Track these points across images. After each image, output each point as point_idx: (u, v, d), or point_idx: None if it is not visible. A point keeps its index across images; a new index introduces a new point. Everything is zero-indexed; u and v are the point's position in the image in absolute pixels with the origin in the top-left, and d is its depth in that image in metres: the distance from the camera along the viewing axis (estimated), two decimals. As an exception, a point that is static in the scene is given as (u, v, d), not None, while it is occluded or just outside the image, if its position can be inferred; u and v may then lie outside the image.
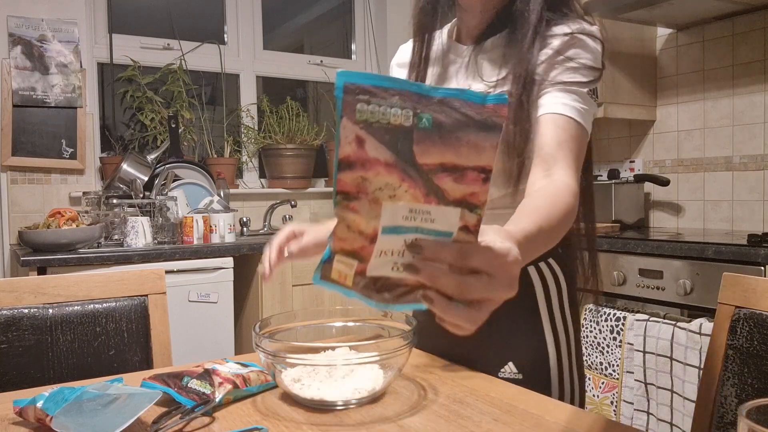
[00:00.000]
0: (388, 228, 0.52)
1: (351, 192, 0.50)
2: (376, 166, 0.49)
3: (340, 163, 0.49)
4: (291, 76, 3.35)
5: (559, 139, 0.91)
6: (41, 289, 1.18)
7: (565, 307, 1.05)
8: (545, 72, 0.96)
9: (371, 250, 0.53)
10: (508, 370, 1.02)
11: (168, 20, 3.06)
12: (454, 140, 0.50)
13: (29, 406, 0.78)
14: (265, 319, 0.96)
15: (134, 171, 2.56)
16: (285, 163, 3.11)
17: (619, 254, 2.21)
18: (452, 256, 0.52)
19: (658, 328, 1.90)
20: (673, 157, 2.74)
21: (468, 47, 1.08)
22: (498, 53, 1.03)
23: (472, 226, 0.52)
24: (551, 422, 0.78)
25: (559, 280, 1.05)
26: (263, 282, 1.06)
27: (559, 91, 0.94)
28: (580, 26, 0.98)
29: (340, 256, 0.54)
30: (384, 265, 0.54)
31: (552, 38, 0.98)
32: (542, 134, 0.93)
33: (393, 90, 0.48)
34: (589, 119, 0.96)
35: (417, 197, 0.51)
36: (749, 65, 2.46)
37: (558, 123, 0.92)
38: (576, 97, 0.94)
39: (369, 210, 0.51)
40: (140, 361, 1.22)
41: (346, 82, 0.47)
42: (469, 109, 0.49)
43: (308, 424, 0.79)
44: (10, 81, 2.52)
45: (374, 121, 0.48)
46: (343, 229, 0.52)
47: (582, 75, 0.95)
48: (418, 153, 0.49)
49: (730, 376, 1.03)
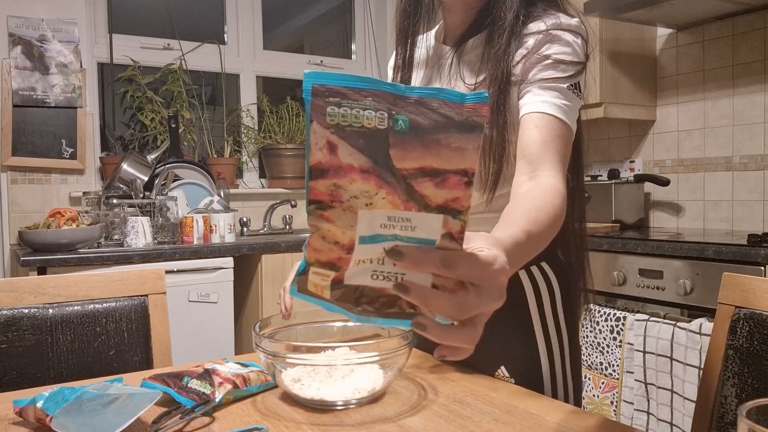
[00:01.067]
0: (366, 237, 0.49)
1: (324, 201, 0.47)
2: (351, 172, 0.46)
3: (311, 171, 0.46)
4: (291, 76, 3.35)
5: (544, 139, 0.88)
6: (41, 289, 1.18)
7: (558, 311, 1.03)
8: (523, 72, 0.94)
9: (348, 259, 0.51)
10: (501, 374, 1.01)
11: (168, 20, 3.06)
12: (434, 143, 0.47)
13: (29, 406, 0.78)
14: (265, 319, 0.96)
15: (134, 171, 2.56)
16: (285, 163, 3.11)
17: (619, 254, 2.20)
18: (435, 264, 0.49)
19: (658, 328, 1.90)
20: (673, 157, 2.74)
21: (451, 49, 1.06)
22: (477, 54, 1.01)
23: (456, 233, 0.49)
24: (551, 422, 0.78)
25: (552, 284, 1.03)
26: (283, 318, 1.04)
27: (539, 89, 0.92)
28: (557, 21, 0.95)
29: (316, 268, 0.52)
30: (363, 273, 0.52)
31: (528, 36, 0.95)
32: (525, 135, 0.90)
33: (366, 91, 0.45)
34: (573, 116, 0.93)
35: (396, 204, 0.48)
36: (749, 65, 2.46)
37: (541, 122, 0.90)
38: (557, 94, 0.91)
39: (344, 219, 0.48)
40: (140, 361, 1.22)
41: (314, 84, 0.44)
42: (448, 110, 0.46)
43: (308, 424, 0.79)
44: (10, 81, 2.52)
45: (346, 125, 0.45)
46: (317, 240, 0.50)
47: (560, 71, 0.92)
48: (395, 157, 0.47)
49: (730, 376, 1.02)
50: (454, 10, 1.04)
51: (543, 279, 1.03)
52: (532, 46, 0.94)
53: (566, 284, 1.05)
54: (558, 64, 0.92)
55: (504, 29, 0.95)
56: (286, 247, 2.48)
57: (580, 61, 0.94)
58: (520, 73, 0.94)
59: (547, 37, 0.94)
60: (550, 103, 0.91)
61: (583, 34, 0.96)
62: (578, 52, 0.94)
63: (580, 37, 0.95)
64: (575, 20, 0.96)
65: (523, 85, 0.94)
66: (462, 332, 0.51)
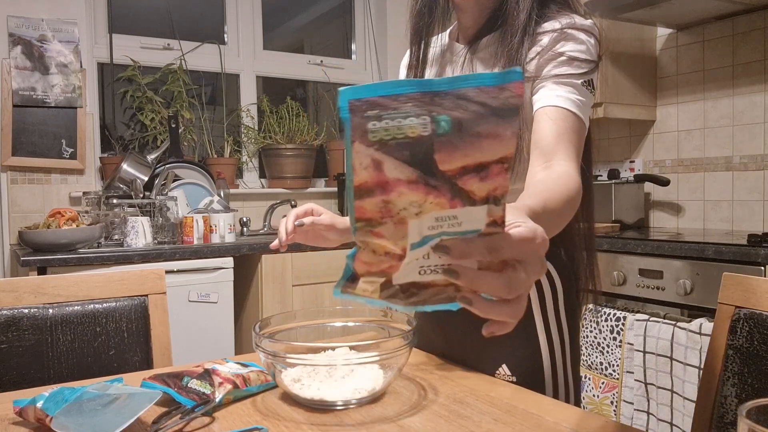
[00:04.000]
0: (417, 243, 0.49)
1: (373, 218, 0.47)
2: (398, 186, 0.45)
3: (356, 191, 0.45)
4: (291, 76, 3.35)
5: (558, 131, 0.89)
6: (41, 289, 1.18)
7: (560, 311, 1.04)
8: (537, 69, 0.95)
9: (399, 266, 0.50)
10: (503, 373, 1.01)
11: (168, 20, 3.06)
12: (476, 137, 0.45)
13: (29, 406, 0.78)
14: (265, 319, 0.96)
15: (134, 171, 2.56)
16: (285, 163, 3.11)
17: (619, 254, 2.21)
18: (481, 253, 0.49)
19: (658, 328, 1.90)
20: (673, 157, 2.74)
21: (464, 47, 1.08)
22: (490, 52, 1.03)
23: (499, 218, 0.48)
24: (551, 422, 0.78)
25: (555, 283, 1.04)
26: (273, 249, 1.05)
27: (553, 84, 0.93)
28: (571, 21, 0.96)
29: (366, 278, 0.52)
30: (411, 272, 0.51)
31: (542, 35, 0.97)
32: (539, 128, 0.91)
33: (403, 96, 0.43)
34: (587, 111, 0.94)
35: (443, 205, 0.47)
36: (749, 65, 2.46)
37: (555, 115, 0.90)
38: (571, 89, 0.92)
39: (395, 232, 0.47)
40: (140, 361, 1.22)
41: (351, 100, 0.42)
42: (485, 97, 0.44)
43: (308, 424, 0.79)
44: (10, 81, 2.52)
45: (390, 139, 0.43)
46: (367, 255, 0.49)
47: (575, 67, 0.93)
48: (440, 161, 0.45)
49: (730, 376, 1.02)
50: (467, 10, 1.06)
51: (546, 278, 1.03)
52: (546, 43, 0.95)
53: (569, 284, 1.05)
54: (572, 60, 0.93)
55: (517, 28, 0.96)
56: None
57: (594, 60, 0.96)
58: (533, 70, 0.95)
59: (562, 35, 0.95)
60: (564, 98, 0.91)
61: (596, 34, 0.98)
62: (591, 51, 0.96)
63: (594, 37, 0.97)
64: (589, 21, 0.98)
65: (537, 81, 0.94)
66: (509, 306, 0.51)
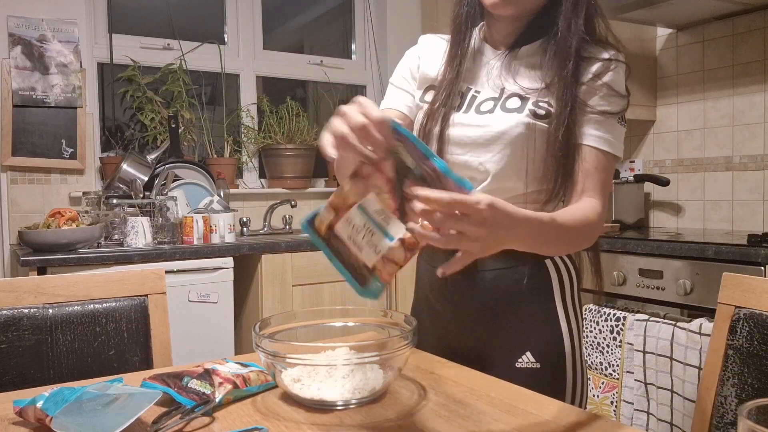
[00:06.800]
0: (361, 207, 0.73)
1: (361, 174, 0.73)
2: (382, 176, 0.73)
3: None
4: (291, 76, 3.35)
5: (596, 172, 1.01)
6: (41, 289, 1.18)
7: (575, 299, 1.10)
8: (585, 95, 1.01)
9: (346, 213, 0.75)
10: (526, 360, 1.04)
11: (168, 20, 3.06)
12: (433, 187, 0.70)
13: (29, 406, 0.78)
14: (265, 319, 0.96)
15: (134, 171, 2.56)
16: (285, 163, 3.11)
17: (619, 254, 2.21)
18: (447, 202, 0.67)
19: (658, 328, 1.90)
20: (673, 157, 2.74)
21: (500, 52, 1.10)
22: (532, 62, 1.06)
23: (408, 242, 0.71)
24: (551, 422, 0.78)
25: (571, 273, 1.10)
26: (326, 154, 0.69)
27: (596, 122, 1.01)
28: (615, 52, 1.04)
29: (329, 207, 0.75)
30: (344, 229, 0.75)
31: (590, 61, 1.03)
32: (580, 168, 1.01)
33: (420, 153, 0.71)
34: (622, 144, 1.05)
35: (390, 207, 0.73)
36: (749, 65, 2.46)
37: (596, 158, 1.01)
38: (610, 127, 1.02)
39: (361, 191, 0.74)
40: (140, 361, 1.22)
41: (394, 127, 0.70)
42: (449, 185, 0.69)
43: (308, 424, 0.79)
44: (10, 81, 2.52)
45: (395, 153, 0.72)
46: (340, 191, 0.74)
47: (616, 104, 1.02)
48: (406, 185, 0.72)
49: (730, 376, 1.03)
50: (504, 22, 1.08)
51: (565, 268, 1.09)
52: (595, 72, 1.02)
53: (579, 277, 1.13)
54: (616, 95, 1.02)
55: (569, 55, 1.01)
56: (286, 247, 2.48)
57: (627, 95, 1.05)
58: (582, 95, 1.02)
59: (610, 66, 1.02)
60: (604, 139, 1.01)
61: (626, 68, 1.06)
62: (624, 85, 1.05)
63: (627, 71, 1.05)
64: (623, 55, 1.06)
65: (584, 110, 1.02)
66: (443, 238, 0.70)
